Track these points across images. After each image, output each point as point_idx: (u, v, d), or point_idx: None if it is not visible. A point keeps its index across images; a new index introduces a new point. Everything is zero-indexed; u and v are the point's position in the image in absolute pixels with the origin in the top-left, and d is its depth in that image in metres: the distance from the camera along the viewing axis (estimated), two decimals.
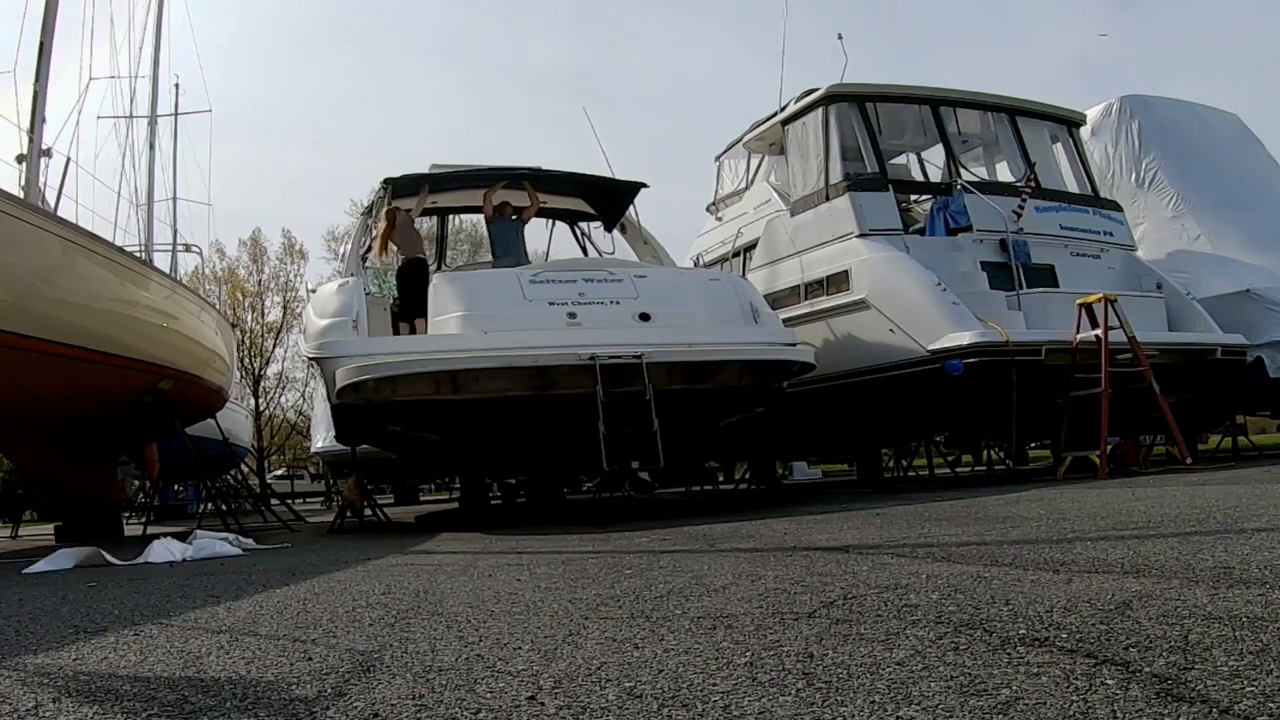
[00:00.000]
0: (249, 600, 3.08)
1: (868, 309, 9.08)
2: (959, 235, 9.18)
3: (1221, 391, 9.50)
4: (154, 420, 8.88)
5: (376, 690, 1.61)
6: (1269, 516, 3.38)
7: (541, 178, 9.46)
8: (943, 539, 3.56)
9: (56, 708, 1.62)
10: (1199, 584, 2.06)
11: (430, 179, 9.02)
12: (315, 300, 8.24)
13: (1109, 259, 9.94)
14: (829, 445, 14.32)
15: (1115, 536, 3.14)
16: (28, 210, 6.62)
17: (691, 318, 7.30)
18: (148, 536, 6.96)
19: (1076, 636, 1.64)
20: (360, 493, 8.98)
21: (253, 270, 34.76)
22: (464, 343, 6.78)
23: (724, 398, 7.26)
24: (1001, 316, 8.55)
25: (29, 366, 6.44)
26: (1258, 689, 1.25)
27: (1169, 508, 4.06)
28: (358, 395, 6.70)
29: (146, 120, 18.16)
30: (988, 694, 1.33)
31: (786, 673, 1.54)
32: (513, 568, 3.63)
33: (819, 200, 9.85)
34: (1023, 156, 10.22)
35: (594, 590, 2.74)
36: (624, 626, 2.08)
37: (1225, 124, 12.29)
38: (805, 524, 4.83)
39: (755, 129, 11.58)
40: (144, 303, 8.05)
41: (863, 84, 10.25)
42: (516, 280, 7.37)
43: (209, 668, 1.91)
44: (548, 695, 1.50)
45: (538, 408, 6.61)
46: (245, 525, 8.28)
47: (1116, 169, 11.64)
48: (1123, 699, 1.26)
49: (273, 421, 35.85)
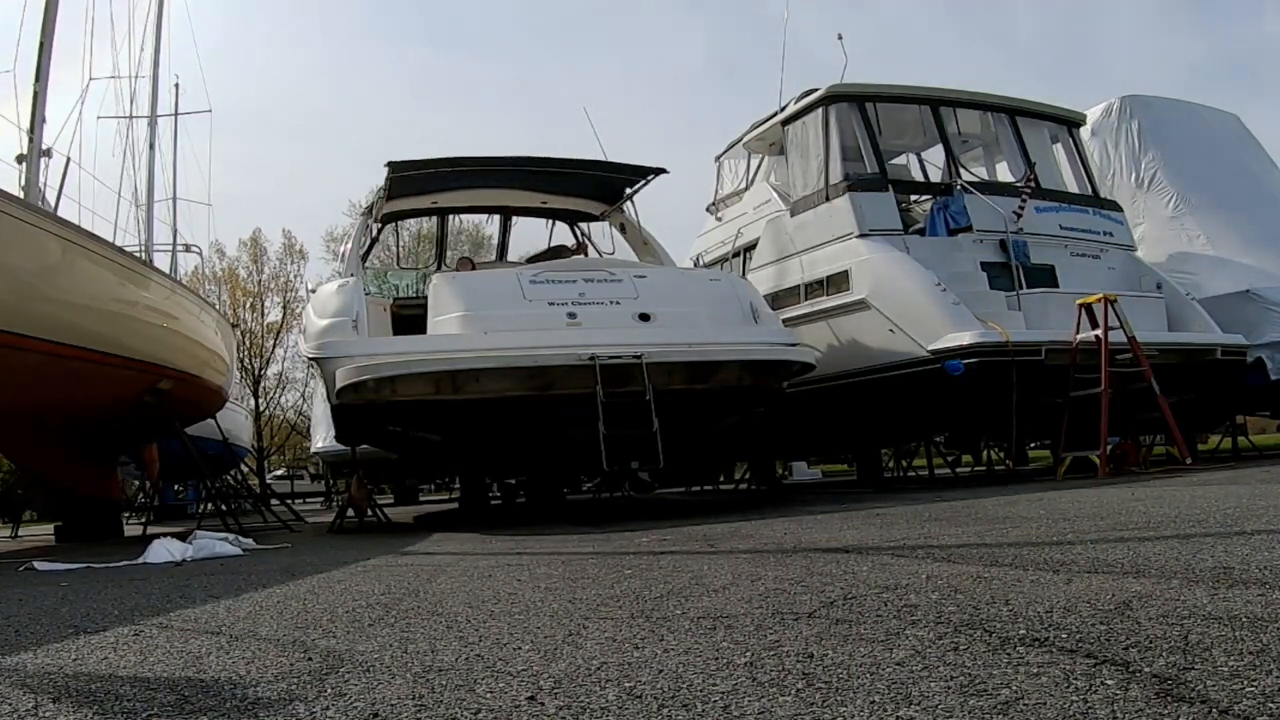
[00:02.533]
0: (249, 600, 3.07)
1: (868, 309, 9.08)
2: (959, 235, 9.18)
3: (1221, 391, 9.50)
4: (154, 420, 8.88)
5: (376, 690, 1.61)
6: (1269, 517, 3.38)
7: (548, 173, 9.45)
8: (943, 539, 3.56)
9: (56, 708, 1.62)
10: (1199, 584, 2.06)
11: (434, 163, 8.85)
12: (315, 300, 8.24)
13: (1109, 259, 9.94)
14: (829, 445, 14.32)
15: (1115, 536, 3.14)
16: (28, 210, 6.62)
17: (691, 318, 7.31)
18: (148, 536, 6.96)
19: (1076, 636, 1.64)
20: (364, 493, 8.98)
21: (253, 270, 34.77)
22: (464, 343, 6.78)
23: (724, 398, 7.26)
24: (1001, 316, 8.55)
25: (29, 366, 6.43)
26: (1258, 689, 1.25)
27: (1169, 508, 4.06)
28: (357, 395, 6.70)
29: (146, 120, 18.17)
30: (988, 694, 1.33)
31: (786, 673, 1.54)
32: (513, 568, 3.63)
33: (819, 200, 9.85)
34: (1023, 157, 10.23)
35: (594, 590, 2.74)
36: (624, 627, 2.08)
37: (1225, 124, 12.31)
38: (805, 524, 4.83)
39: (755, 129, 11.58)
40: (144, 303, 8.05)
41: (863, 84, 10.25)
42: (516, 280, 7.37)
43: (209, 668, 1.91)
44: (548, 695, 1.50)
45: (538, 408, 6.61)
46: (245, 525, 8.27)
47: (1116, 169, 11.66)
48: (1123, 699, 1.26)
49: (273, 421, 35.84)
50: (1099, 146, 11.77)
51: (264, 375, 33.91)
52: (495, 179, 9.82)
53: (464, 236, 27.34)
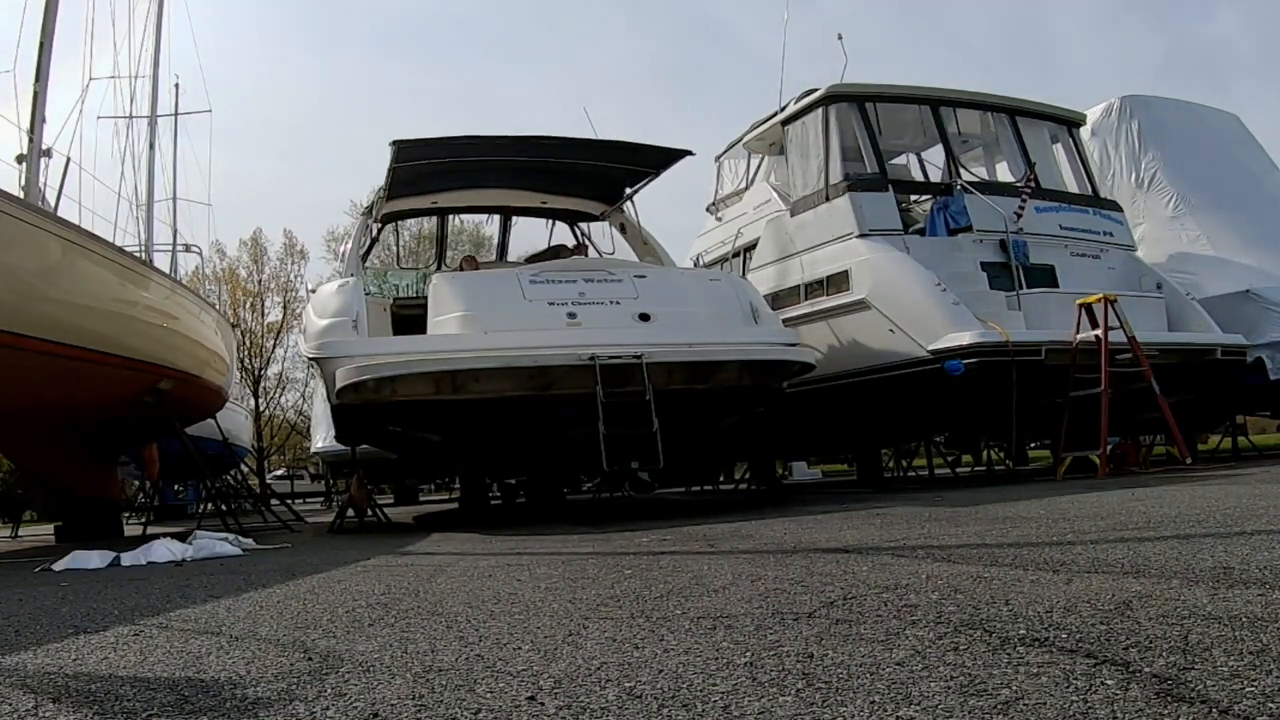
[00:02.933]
0: (249, 600, 3.07)
1: (868, 309, 9.08)
2: (959, 235, 9.18)
3: (1221, 391, 9.50)
4: (154, 420, 8.88)
5: (376, 690, 1.61)
6: (1269, 516, 3.38)
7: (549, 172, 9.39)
8: (943, 539, 3.56)
9: (56, 708, 1.62)
10: (1199, 584, 2.06)
11: (442, 142, 8.47)
12: (315, 300, 8.24)
13: (1109, 259, 9.94)
14: (829, 445, 14.32)
15: (1115, 536, 3.14)
16: (28, 210, 6.62)
17: (691, 318, 7.30)
18: (148, 536, 6.96)
19: (1076, 636, 1.64)
20: (364, 493, 8.98)
21: (253, 270, 34.76)
22: (464, 343, 6.78)
23: (724, 398, 7.26)
24: (1001, 316, 8.55)
25: (28, 366, 6.43)
26: (1258, 689, 1.25)
27: (1169, 508, 4.06)
28: (358, 395, 6.70)
29: (146, 120, 18.16)
30: (988, 694, 1.33)
31: (786, 673, 1.54)
32: (513, 568, 3.63)
33: (819, 200, 9.85)
34: (1023, 156, 10.22)
35: (594, 590, 2.74)
36: (624, 627, 2.08)
37: (1224, 124, 12.31)
38: (805, 524, 4.82)
39: (755, 129, 11.58)
40: (144, 303, 8.05)
41: (863, 84, 10.25)
42: (516, 280, 7.37)
43: (209, 668, 1.91)
44: (548, 695, 1.50)
45: (538, 408, 6.61)
46: (245, 525, 8.27)
47: (1116, 169, 11.66)
48: (1123, 699, 1.26)
49: (273, 421, 35.83)
50: (1099, 146, 11.77)
51: (264, 375, 33.95)
52: (496, 177, 9.80)
53: (464, 236, 27.35)
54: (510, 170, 9.63)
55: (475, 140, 8.67)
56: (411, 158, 8.37)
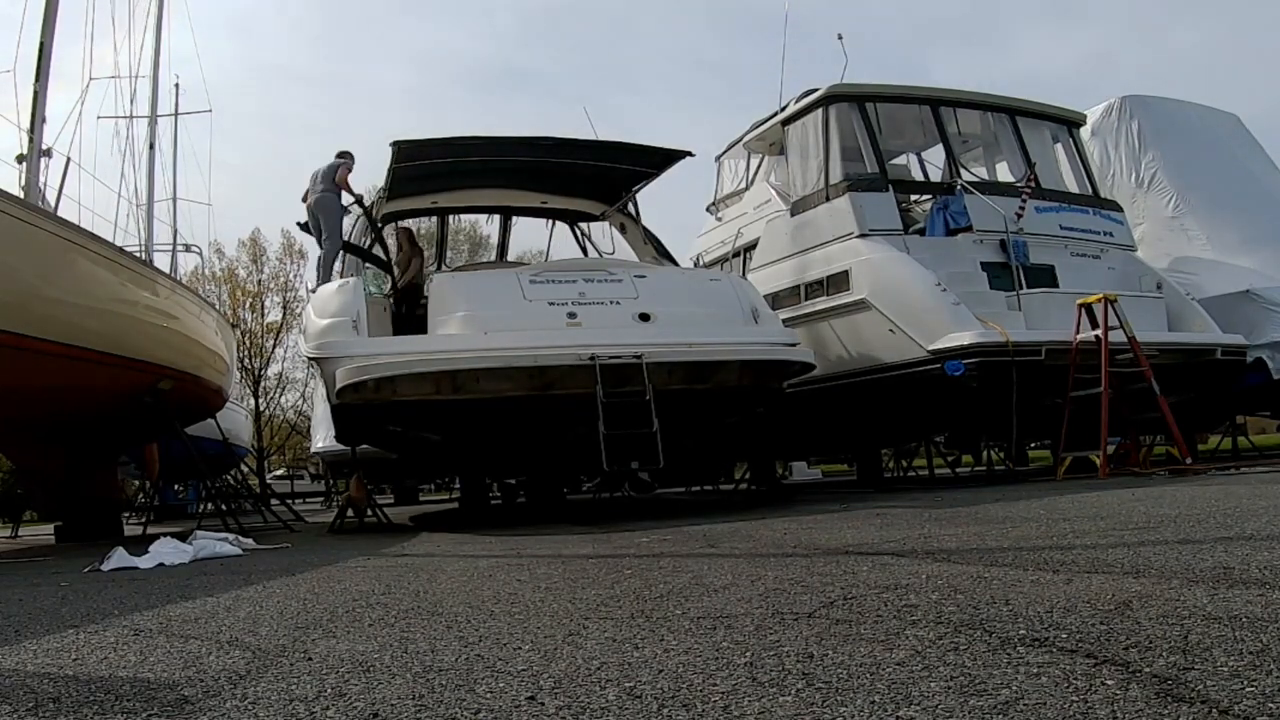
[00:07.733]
0: (249, 600, 3.07)
1: (868, 309, 9.08)
2: (959, 235, 9.18)
3: (1221, 391, 9.50)
4: (154, 420, 8.88)
5: (377, 690, 1.61)
6: (1269, 516, 3.38)
7: (549, 172, 9.37)
8: (943, 539, 3.56)
9: (56, 708, 1.62)
10: (1199, 584, 2.06)
11: (442, 142, 8.44)
12: (315, 300, 8.23)
13: (1109, 259, 9.94)
14: (829, 445, 14.32)
15: (1115, 537, 3.14)
16: (28, 210, 6.62)
17: (691, 318, 7.30)
18: (148, 536, 6.96)
19: (1076, 637, 1.64)
20: (364, 493, 8.98)
21: (253, 270, 34.74)
22: (464, 343, 6.78)
23: (724, 398, 7.26)
24: (1001, 317, 8.55)
25: (28, 366, 6.44)
26: (1258, 689, 1.25)
27: (1169, 508, 4.06)
28: (358, 395, 6.70)
29: (146, 120, 18.18)
30: (988, 694, 1.33)
31: (786, 673, 1.54)
32: (513, 568, 3.63)
33: (819, 200, 9.85)
34: (1023, 157, 10.23)
35: (594, 590, 2.74)
36: (624, 627, 2.08)
37: (1224, 124, 12.31)
38: (805, 524, 4.82)
39: (755, 129, 11.58)
40: (144, 303, 8.05)
41: (863, 84, 10.25)
42: (516, 280, 7.37)
43: (209, 667, 1.91)
44: (548, 695, 1.50)
45: (538, 408, 6.61)
46: (245, 525, 8.27)
47: (1116, 169, 11.66)
48: (1123, 699, 1.26)
49: (273, 421, 35.83)
50: (1099, 146, 11.77)
51: (264, 375, 33.93)
52: (496, 177, 9.79)
53: (464, 236, 27.37)
54: (510, 170, 9.62)
55: (475, 140, 8.70)
56: (412, 158, 8.38)
